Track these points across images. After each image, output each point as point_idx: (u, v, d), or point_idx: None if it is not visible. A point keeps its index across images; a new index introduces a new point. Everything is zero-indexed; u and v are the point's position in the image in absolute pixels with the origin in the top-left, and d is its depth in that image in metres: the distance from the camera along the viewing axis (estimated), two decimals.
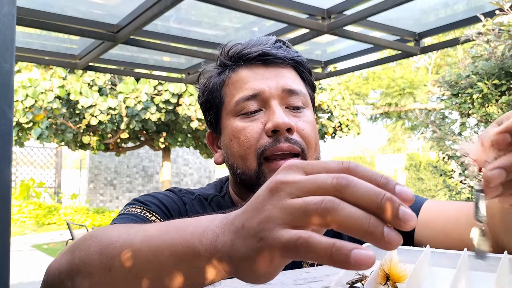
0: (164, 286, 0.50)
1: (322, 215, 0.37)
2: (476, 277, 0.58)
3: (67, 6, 2.77)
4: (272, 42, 0.92)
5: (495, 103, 2.61)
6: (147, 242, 0.52)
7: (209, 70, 0.95)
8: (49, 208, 10.86)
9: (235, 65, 0.91)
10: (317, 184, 0.39)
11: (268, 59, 0.89)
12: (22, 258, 7.05)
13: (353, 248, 0.35)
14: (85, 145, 8.29)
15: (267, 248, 0.39)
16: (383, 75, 15.19)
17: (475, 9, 2.85)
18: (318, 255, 0.36)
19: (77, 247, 0.60)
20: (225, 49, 0.92)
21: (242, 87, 0.88)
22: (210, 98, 0.93)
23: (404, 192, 0.38)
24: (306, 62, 0.95)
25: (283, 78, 0.88)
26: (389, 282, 0.53)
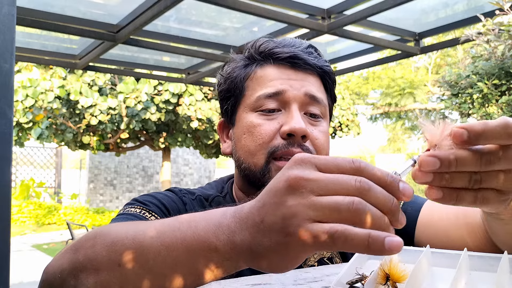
0: (179, 281, 0.51)
1: (353, 215, 0.40)
2: (476, 277, 0.58)
3: (67, 6, 2.77)
4: (305, 46, 0.91)
5: (495, 103, 2.61)
6: (158, 238, 0.52)
7: (236, 60, 0.94)
8: (49, 208, 10.86)
9: (264, 61, 0.90)
10: (340, 185, 0.42)
11: (298, 63, 0.88)
12: (22, 258, 7.04)
13: (386, 236, 0.39)
14: (85, 145, 8.29)
15: (296, 242, 0.42)
16: (383, 75, 15.19)
17: (475, 9, 2.85)
18: (356, 245, 0.40)
19: (81, 245, 0.60)
20: (256, 44, 0.92)
21: (266, 84, 0.87)
22: (232, 87, 0.92)
23: (407, 190, 0.43)
24: (332, 73, 0.95)
25: (308, 83, 0.88)
26: (389, 282, 0.53)
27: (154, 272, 0.52)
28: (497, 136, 0.46)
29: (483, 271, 0.59)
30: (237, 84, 0.91)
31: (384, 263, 0.54)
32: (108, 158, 12.61)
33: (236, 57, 0.95)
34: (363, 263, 0.65)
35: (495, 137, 0.46)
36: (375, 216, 0.41)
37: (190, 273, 0.50)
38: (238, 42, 3.41)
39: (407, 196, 0.43)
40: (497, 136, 0.46)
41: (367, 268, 0.61)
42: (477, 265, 0.59)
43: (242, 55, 0.94)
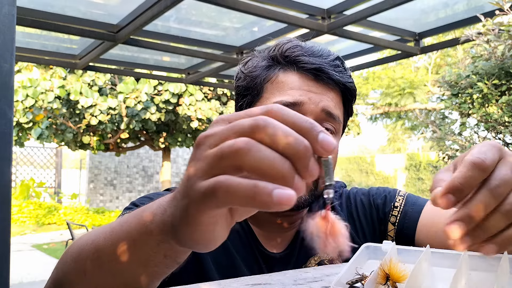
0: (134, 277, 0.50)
1: (235, 158, 0.35)
2: (476, 277, 0.58)
3: (67, 6, 2.77)
4: (332, 59, 0.88)
5: (495, 103, 2.61)
6: (110, 238, 0.52)
7: (259, 58, 0.92)
8: (49, 208, 10.86)
9: (287, 66, 0.88)
10: (234, 129, 0.37)
11: (321, 76, 0.86)
12: (22, 258, 7.04)
13: (275, 188, 0.34)
14: (85, 145, 8.29)
15: (191, 203, 0.38)
16: (383, 75, 15.18)
17: (475, 9, 2.85)
18: (240, 196, 0.34)
19: (59, 261, 0.61)
20: (283, 47, 0.89)
21: (285, 91, 0.85)
22: (250, 86, 0.90)
23: (327, 142, 0.37)
24: (355, 89, 0.93)
25: (327, 98, 0.86)
26: (389, 282, 0.53)
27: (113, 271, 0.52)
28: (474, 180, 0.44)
29: (483, 271, 0.58)
30: (256, 84, 0.89)
31: (384, 263, 0.54)
32: (108, 158, 12.61)
33: (260, 55, 0.92)
34: (363, 263, 0.64)
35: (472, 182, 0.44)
36: (265, 158, 0.35)
37: (142, 264, 0.49)
38: (238, 42, 3.41)
39: (326, 150, 0.37)
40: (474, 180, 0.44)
41: (367, 268, 0.61)
42: (477, 265, 0.59)
43: (266, 54, 0.91)
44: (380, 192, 1.00)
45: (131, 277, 0.51)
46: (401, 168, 14.63)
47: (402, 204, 0.94)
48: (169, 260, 0.48)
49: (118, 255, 0.50)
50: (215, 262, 0.87)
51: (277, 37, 3.13)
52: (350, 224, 0.97)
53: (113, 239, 0.51)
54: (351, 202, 1.00)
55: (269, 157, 0.35)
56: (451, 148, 2.75)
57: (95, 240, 0.55)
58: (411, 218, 0.91)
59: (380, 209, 0.96)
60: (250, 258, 0.89)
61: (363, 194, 1.01)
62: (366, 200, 0.99)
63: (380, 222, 0.96)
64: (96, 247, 0.54)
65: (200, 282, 0.69)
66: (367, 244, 0.67)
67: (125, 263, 0.50)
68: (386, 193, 0.98)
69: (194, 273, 0.85)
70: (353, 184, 15.52)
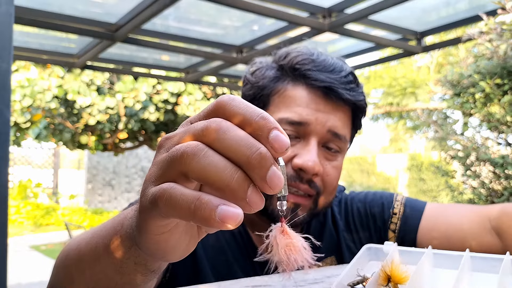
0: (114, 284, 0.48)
1: (181, 163, 0.32)
2: (478, 278, 0.58)
3: (65, 4, 2.75)
4: (344, 75, 0.84)
5: (498, 102, 2.59)
6: (90, 243, 0.51)
7: (265, 67, 0.88)
8: (47, 208, 10.84)
9: (296, 80, 0.84)
10: (189, 132, 0.34)
11: (331, 94, 0.82)
12: (20, 259, 7.02)
13: (220, 203, 0.30)
14: (83, 145, 8.27)
15: (141, 210, 0.35)
16: (385, 74, 15.19)
17: (477, 8, 2.84)
18: (180, 209, 0.31)
19: (53, 267, 0.61)
20: (293, 59, 0.84)
21: (292, 108, 0.82)
22: (257, 96, 0.87)
23: (279, 141, 0.32)
24: (365, 107, 0.90)
25: (335, 118, 0.83)
26: (391, 283, 0.53)
27: (95, 278, 0.50)
28: None
29: (485, 272, 0.58)
30: (262, 95, 0.86)
31: (386, 265, 0.53)
32: (107, 158, 12.59)
33: (267, 62, 0.88)
34: (364, 265, 0.65)
35: None
36: (212, 165, 0.31)
37: (118, 271, 0.46)
38: (237, 41, 3.40)
39: (278, 149, 0.32)
40: None
41: (368, 270, 0.60)
42: (479, 266, 0.59)
43: (275, 61, 0.87)
44: (376, 199, 0.97)
45: (111, 284, 0.49)
46: (403, 169, 14.64)
47: (401, 210, 0.93)
48: (141, 268, 0.45)
49: (96, 262, 0.48)
50: (212, 267, 0.85)
51: (278, 36, 3.12)
52: (347, 233, 0.96)
53: (91, 245, 0.50)
54: (348, 209, 0.98)
55: (215, 164, 0.31)
56: (453, 148, 2.73)
57: (79, 245, 0.54)
58: (412, 224, 0.89)
59: (378, 217, 0.95)
60: (248, 264, 0.87)
61: (359, 201, 0.99)
62: (363, 208, 0.97)
63: (378, 231, 0.95)
64: (79, 253, 0.53)
65: None
66: (369, 246, 0.67)
67: (102, 270, 0.48)
68: (383, 200, 0.96)
69: (191, 278, 0.84)
70: (354, 184, 15.52)
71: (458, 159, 2.66)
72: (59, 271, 0.58)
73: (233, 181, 0.31)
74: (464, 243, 0.80)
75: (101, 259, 0.48)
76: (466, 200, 2.58)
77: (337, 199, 1.00)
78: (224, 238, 0.88)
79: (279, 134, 0.32)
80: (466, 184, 2.71)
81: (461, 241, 0.80)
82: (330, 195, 0.87)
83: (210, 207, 0.30)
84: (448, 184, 2.80)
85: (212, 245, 0.87)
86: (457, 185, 2.82)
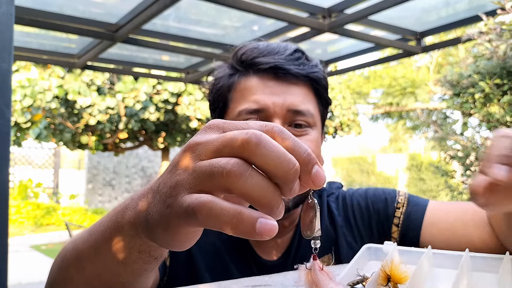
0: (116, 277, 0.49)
1: (226, 180, 0.34)
2: (478, 278, 0.58)
3: (65, 5, 2.76)
4: (289, 53, 0.86)
5: (497, 102, 2.60)
6: (88, 240, 0.52)
7: (221, 69, 0.91)
8: (47, 208, 10.85)
9: (246, 71, 0.86)
10: (225, 142, 0.35)
11: (280, 73, 0.84)
12: (21, 258, 7.03)
13: (259, 217, 0.32)
14: (84, 145, 8.27)
15: (172, 215, 0.36)
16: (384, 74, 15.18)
17: (476, 8, 2.85)
18: (221, 222, 0.33)
19: (50, 269, 0.61)
20: (238, 52, 0.87)
21: (248, 98, 0.84)
22: (217, 99, 0.90)
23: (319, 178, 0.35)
24: (322, 78, 0.89)
25: (291, 96, 0.84)
26: (390, 283, 0.53)
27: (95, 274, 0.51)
28: None
29: (485, 272, 0.58)
30: (221, 96, 0.89)
31: (385, 264, 0.54)
32: (107, 158, 12.59)
33: (221, 67, 0.91)
34: (364, 264, 0.65)
35: None
36: (256, 186, 0.33)
37: (120, 263, 0.47)
38: (237, 41, 3.40)
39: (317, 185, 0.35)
40: None
41: (368, 269, 0.61)
42: (479, 266, 0.59)
43: (228, 63, 0.90)
44: (379, 194, 0.97)
45: (113, 277, 0.50)
46: (402, 169, 14.62)
47: (405, 205, 0.92)
48: (145, 256, 0.46)
49: (96, 257, 0.49)
50: (208, 270, 0.86)
51: (277, 36, 3.12)
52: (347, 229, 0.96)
53: (90, 242, 0.51)
54: (347, 204, 0.97)
55: (260, 184, 0.33)
56: (452, 148, 2.74)
57: (76, 245, 0.54)
58: (416, 219, 0.89)
59: (382, 212, 0.94)
60: (244, 266, 0.88)
61: (360, 197, 0.98)
62: (364, 203, 0.96)
63: (381, 225, 0.94)
64: (77, 252, 0.53)
65: None
66: (368, 245, 0.67)
67: (104, 263, 0.49)
68: (386, 195, 0.96)
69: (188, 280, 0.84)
70: (354, 184, 15.51)
71: (457, 159, 2.66)
72: (57, 274, 0.58)
73: (273, 199, 0.34)
74: (467, 236, 0.80)
75: (102, 253, 0.48)
76: (465, 200, 2.58)
77: (334, 195, 0.99)
78: (220, 240, 0.89)
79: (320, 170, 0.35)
80: (465, 184, 2.71)
81: (466, 235, 0.81)
82: None
83: (251, 221, 0.32)
84: (447, 184, 2.80)
85: (209, 248, 0.87)
86: (456, 185, 2.83)
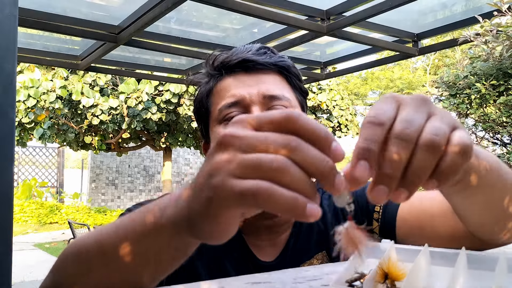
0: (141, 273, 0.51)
1: (274, 173, 0.38)
2: (474, 276, 0.58)
3: (68, 7, 2.79)
4: (256, 49, 0.91)
5: (493, 103, 2.62)
6: (115, 236, 0.53)
7: (198, 80, 0.95)
8: (51, 207, 10.89)
9: (219, 74, 0.91)
10: (267, 143, 0.40)
11: (249, 66, 0.88)
12: (24, 257, 7.07)
13: (308, 202, 0.38)
14: (87, 145, 8.32)
15: (220, 197, 0.39)
16: (382, 75, 15.16)
17: (473, 10, 2.86)
18: (280, 204, 0.37)
19: (56, 264, 0.62)
20: (210, 59, 0.92)
21: (225, 95, 0.88)
22: (199, 107, 0.94)
23: (339, 151, 0.40)
24: (291, 66, 0.93)
25: (264, 84, 0.87)
26: (388, 280, 0.53)
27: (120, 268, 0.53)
28: None
29: (481, 270, 0.59)
30: (202, 103, 0.93)
31: (383, 262, 0.54)
32: (110, 158, 12.64)
33: (198, 77, 0.96)
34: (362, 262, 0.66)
35: None
36: (297, 177, 0.38)
37: (150, 260, 0.50)
38: (238, 43, 3.43)
39: (337, 157, 0.40)
40: None
41: (366, 267, 0.60)
42: (475, 264, 0.60)
43: (203, 74, 0.94)
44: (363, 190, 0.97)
45: (138, 273, 0.52)
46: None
47: None
48: (179, 253, 0.50)
49: (126, 253, 0.51)
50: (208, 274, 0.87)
51: (277, 38, 3.15)
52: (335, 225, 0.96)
53: (119, 237, 0.52)
54: None
55: (301, 180, 0.39)
56: None
57: (98, 239, 0.56)
58: (390, 212, 0.89)
59: (365, 209, 0.94)
60: (242, 267, 0.88)
61: None
62: None
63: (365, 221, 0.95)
64: (101, 246, 0.55)
65: None
66: None
67: (133, 259, 0.51)
68: None
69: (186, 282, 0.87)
70: None
71: None
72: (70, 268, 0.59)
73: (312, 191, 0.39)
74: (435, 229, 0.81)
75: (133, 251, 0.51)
76: None
77: (327, 193, 0.99)
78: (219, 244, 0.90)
79: (338, 145, 0.40)
80: None
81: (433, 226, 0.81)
82: None
83: (304, 205, 0.38)
84: None
85: (208, 252, 0.88)
86: None
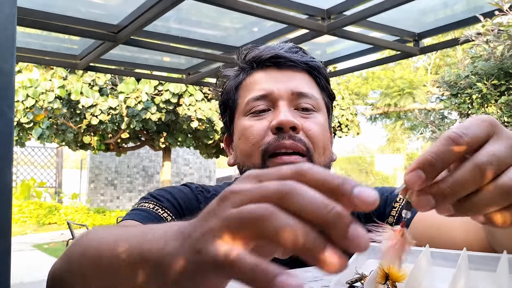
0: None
1: (255, 225, 0.32)
2: (476, 277, 0.58)
3: (67, 6, 2.78)
4: (288, 47, 0.92)
5: (494, 103, 2.62)
6: (113, 248, 0.51)
7: (227, 72, 0.97)
8: (49, 208, 10.87)
9: (250, 68, 0.92)
10: (259, 192, 0.34)
11: (281, 62, 0.89)
12: (23, 258, 7.06)
13: (278, 275, 0.30)
14: (86, 145, 8.30)
15: (202, 262, 0.35)
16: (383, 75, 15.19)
17: (474, 10, 2.86)
18: (243, 276, 0.31)
19: (62, 258, 0.61)
20: (242, 53, 0.94)
21: (254, 88, 0.89)
22: (226, 100, 0.95)
23: (365, 194, 0.32)
24: (322, 68, 0.94)
25: (294, 81, 0.88)
26: (389, 281, 0.53)
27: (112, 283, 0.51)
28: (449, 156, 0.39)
29: (483, 271, 0.58)
30: (230, 96, 0.94)
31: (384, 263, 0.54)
32: (109, 158, 12.62)
33: (227, 71, 0.97)
34: (362, 263, 0.65)
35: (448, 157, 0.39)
36: (285, 227, 0.31)
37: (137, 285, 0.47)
38: (238, 42, 3.42)
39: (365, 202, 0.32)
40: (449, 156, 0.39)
41: (367, 268, 0.61)
42: (477, 264, 0.59)
43: (233, 69, 0.96)
44: (381, 193, 0.96)
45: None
46: (400, 168, 14.62)
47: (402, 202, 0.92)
48: None
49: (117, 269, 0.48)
50: None
51: (277, 38, 3.14)
52: None
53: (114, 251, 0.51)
54: None
55: (291, 227, 0.31)
56: None
57: (99, 247, 0.55)
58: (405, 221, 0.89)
59: (380, 211, 0.93)
60: None
61: None
62: None
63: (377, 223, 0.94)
64: (99, 254, 0.54)
65: None
66: None
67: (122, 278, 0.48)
68: (388, 193, 0.95)
69: None
70: None
71: None
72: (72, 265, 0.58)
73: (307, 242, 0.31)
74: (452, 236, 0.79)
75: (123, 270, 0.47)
76: None
77: None
78: None
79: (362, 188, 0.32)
80: None
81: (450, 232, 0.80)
82: (324, 154, 0.89)
83: (267, 279, 0.30)
84: None
85: None
86: None
